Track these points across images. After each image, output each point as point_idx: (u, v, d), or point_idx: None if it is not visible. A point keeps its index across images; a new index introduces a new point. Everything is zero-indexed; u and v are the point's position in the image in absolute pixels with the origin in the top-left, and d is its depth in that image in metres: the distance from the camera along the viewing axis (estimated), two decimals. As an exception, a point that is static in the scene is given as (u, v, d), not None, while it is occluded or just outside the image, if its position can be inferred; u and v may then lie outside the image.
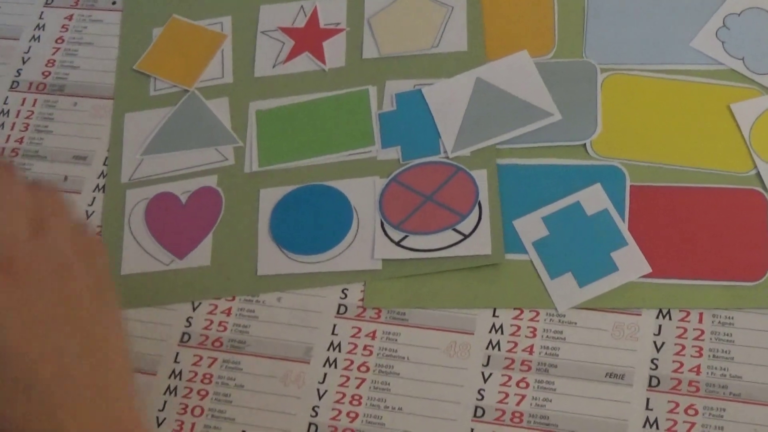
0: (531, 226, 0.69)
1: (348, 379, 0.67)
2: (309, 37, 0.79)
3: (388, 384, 0.66)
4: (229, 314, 0.70)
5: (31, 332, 0.47)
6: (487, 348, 0.66)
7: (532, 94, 0.74)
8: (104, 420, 0.48)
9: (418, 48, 0.77)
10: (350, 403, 0.66)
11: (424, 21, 0.78)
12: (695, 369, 0.63)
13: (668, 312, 0.65)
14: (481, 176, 0.71)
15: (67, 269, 0.49)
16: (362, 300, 0.69)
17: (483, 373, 0.66)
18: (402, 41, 0.78)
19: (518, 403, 0.64)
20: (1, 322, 0.46)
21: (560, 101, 0.73)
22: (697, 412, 0.62)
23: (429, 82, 0.76)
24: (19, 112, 0.81)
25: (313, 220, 0.72)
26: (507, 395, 0.65)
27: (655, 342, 0.65)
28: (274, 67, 0.78)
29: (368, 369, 0.67)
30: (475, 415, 0.64)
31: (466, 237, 0.69)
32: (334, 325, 0.69)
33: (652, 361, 0.64)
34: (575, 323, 0.66)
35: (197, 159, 0.76)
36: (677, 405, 0.62)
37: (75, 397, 0.48)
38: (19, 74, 0.83)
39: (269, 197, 0.73)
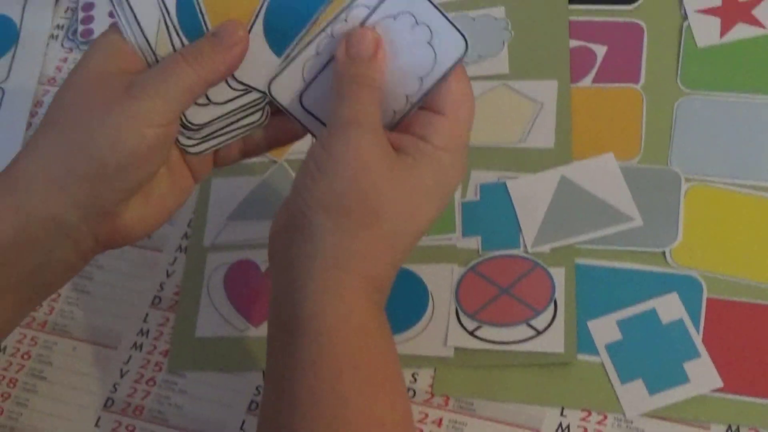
0: (605, 329, 0.70)
1: (410, 463, 0.67)
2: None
3: (451, 473, 0.66)
4: (298, 386, 0.71)
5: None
6: (552, 447, 0.66)
7: (615, 197, 0.74)
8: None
9: (506, 141, 0.78)
10: (411, 488, 0.66)
11: (513, 114, 0.79)
12: (761, 490, 0.63)
13: (737, 429, 0.65)
14: (558, 274, 0.72)
15: None
16: (431, 386, 0.69)
17: (546, 472, 0.66)
18: (490, 132, 0.79)
19: (580, 506, 0.64)
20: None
21: (643, 207, 0.74)
22: None
23: (513, 176, 0.77)
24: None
25: (388, 302, 0.72)
26: (569, 497, 0.65)
27: (722, 458, 0.64)
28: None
29: (431, 456, 0.67)
30: None
31: (539, 333, 0.70)
32: (401, 408, 0.69)
33: (718, 476, 0.64)
34: (643, 431, 0.66)
35: (279, 230, 0.77)
36: None
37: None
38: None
39: (347, 274, 0.74)
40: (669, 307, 0.70)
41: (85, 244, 0.59)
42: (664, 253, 0.72)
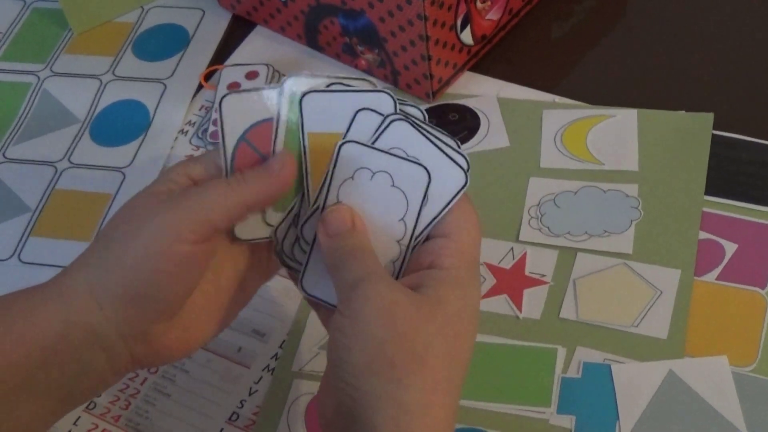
0: None
1: None
2: (512, 281, 0.79)
3: None
4: None
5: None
6: None
7: (723, 403, 0.71)
8: None
9: (617, 322, 0.75)
10: None
11: (629, 297, 0.77)
12: None
13: None
14: (651, 473, 0.68)
15: None
16: None
17: None
18: (603, 311, 0.76)
19: None
20: None
21: (750, 419, 0.70)
22: None
23: (620, 360, 0.74)
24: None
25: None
26: None
27: None
28: (469, 299, 0.78)
29: None
30: None
31: None
32: None
33: None
34: None
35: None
36: None
37: None
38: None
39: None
40: None
41: (120, 361, 0.59)
42: (766, 473, 0.68)
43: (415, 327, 0.54)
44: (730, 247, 0.79)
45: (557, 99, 0.91)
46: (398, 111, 0.59)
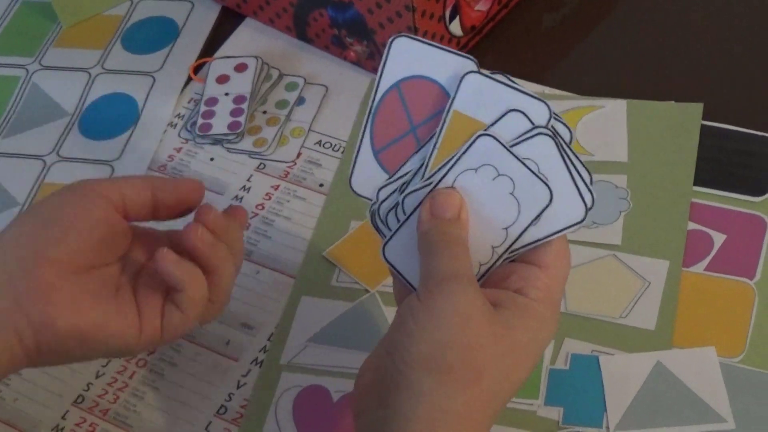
0: None
1: None
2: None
3: None
4: None
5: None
6: None
7: (710, 394, 0.71)
8: None
9: (605, 314, 0.75)
10: None
11: (617, 288, 0.77)
12: None
13: None
14: (639, 464, 0.68)
15: None
16: None
17: None
18: (591, 302, 0.76)
19: None
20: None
21: (737, 410, 0.70)
22: None
23: (608, 351, 0.74)
24: (202, 265, 0.82)
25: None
26: None
27: None
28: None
29: None
30: None
31: None
32: None
33: None
34: None
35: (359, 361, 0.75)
36: None
37: None
38: (213, 228, 0.84)
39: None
40: None
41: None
42: (753, 462, 0.68)
43: (482, 343, 0.55)
44: (718, 238, 0.79)
45: (546, 90, 0.90)
46: (549, 126, 0.58)
